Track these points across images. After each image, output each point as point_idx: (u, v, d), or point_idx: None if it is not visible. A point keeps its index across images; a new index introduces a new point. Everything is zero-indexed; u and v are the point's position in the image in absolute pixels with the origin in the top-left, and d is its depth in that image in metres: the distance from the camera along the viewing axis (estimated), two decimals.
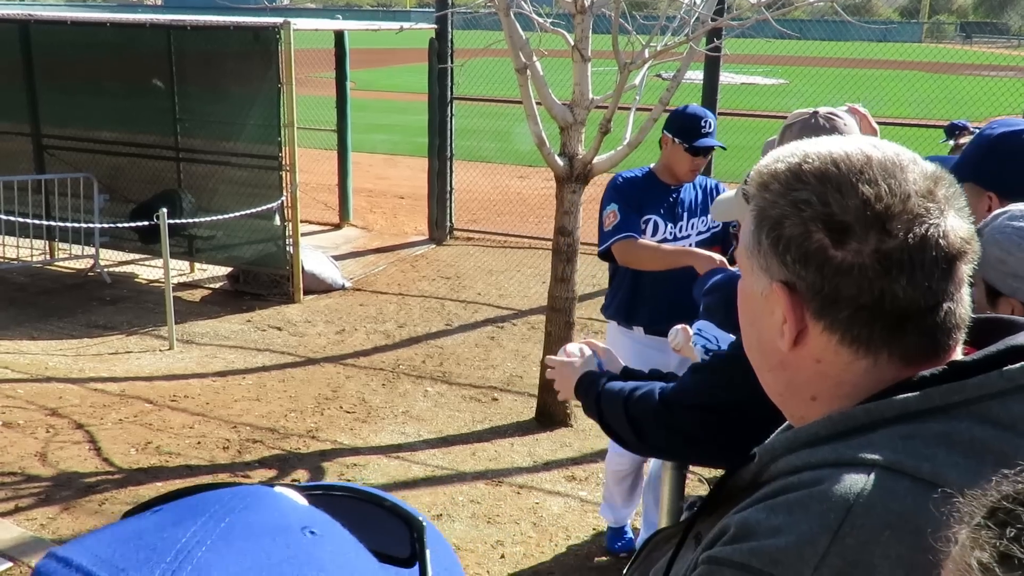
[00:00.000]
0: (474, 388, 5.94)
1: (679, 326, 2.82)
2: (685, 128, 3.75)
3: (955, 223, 0.92)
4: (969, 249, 0.93)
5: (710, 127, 3.77)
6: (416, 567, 0.61)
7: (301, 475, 4.71)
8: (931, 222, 0.91)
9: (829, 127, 2.53)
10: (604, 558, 4.12)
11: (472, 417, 5.50)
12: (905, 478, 0.85)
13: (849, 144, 0.97)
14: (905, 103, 12.45)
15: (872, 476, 0.86)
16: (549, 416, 5.38)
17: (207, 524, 0.54)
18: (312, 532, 0.56)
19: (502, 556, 4.05)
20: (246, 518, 0.55)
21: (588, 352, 2.09)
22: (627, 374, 2.03)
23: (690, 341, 2.72)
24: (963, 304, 0.95)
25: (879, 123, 3.28)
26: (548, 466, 4.92)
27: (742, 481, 0.98)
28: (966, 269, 0.94)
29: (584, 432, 5.24)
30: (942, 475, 0.85)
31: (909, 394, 0.90)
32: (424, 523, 0.63)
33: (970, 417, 0.88)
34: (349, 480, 4.67)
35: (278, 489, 0.59)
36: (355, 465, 4.83)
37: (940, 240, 0.91)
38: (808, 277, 0.93)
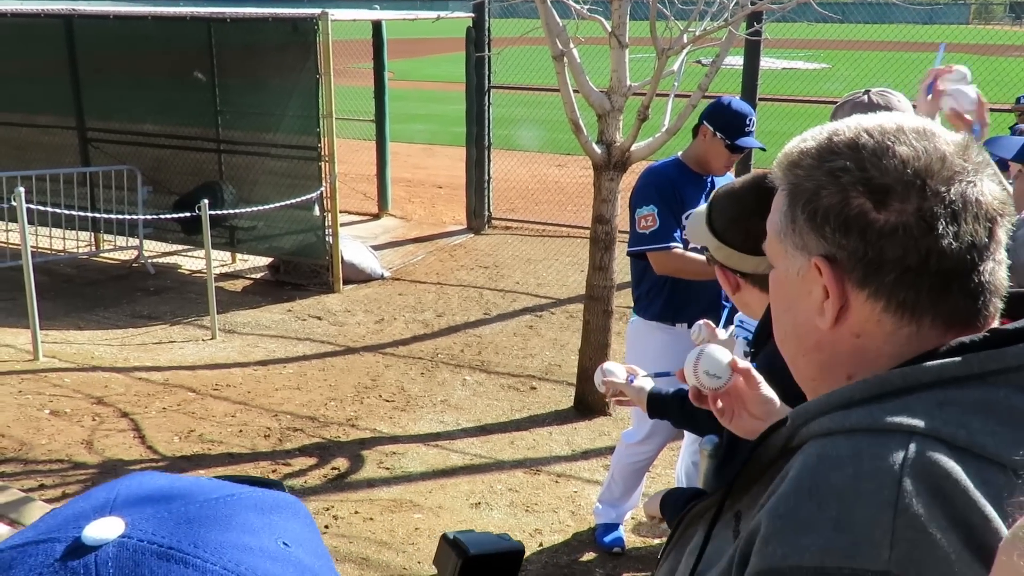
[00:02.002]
0: (512, 377, 5.94)
1: (701, 321, 2.81)
2: (729, 125, 3.65)
3: (990, 186, 0.92)
4: (1005, 212, 0.93)
5: (752, 125, 3.69)
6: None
7: (341, 463, 4.75)
8: (968, 180, 0.91)
9: (883, 104, 2.47)
10: (640, 546, 4.10)
11: (510, 406, 5.50)
12: (943, 446, 0.83)
13: (879, 116, 0.97)
14: None
15: (911, 444, 0.84)
16: (587, 405, 5.36)
17: None
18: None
19: (540, 544, 4.06)
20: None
21: (624, 373, 2.33)
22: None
23: (715, 337, 2.72)
24: (1003, 268, 0.94)
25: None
26: (586, 455, 4.91)
27: (774, 448, 0.97)
28: (1003, 231, 0.93)
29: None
30: (978, 443, 0.83)
31: (946, 360, 0.88)
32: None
33: (1008, 385, 0.86)
34: (388, 468, 4.70)
35: None
36: (394, 453, 4.86)
37: (979, 198, 0.90)
38: (850, 245, 0.92)
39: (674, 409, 2.24)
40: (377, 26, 10.07)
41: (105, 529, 0.52)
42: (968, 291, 0.91)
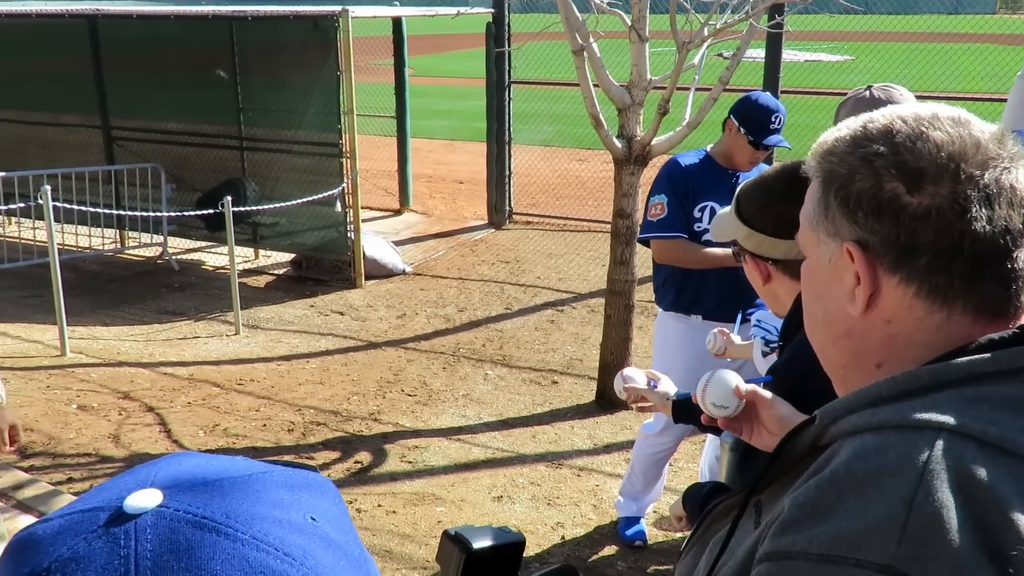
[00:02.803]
0: (534, 371, 5.95)
1: (715, 330, 2.80)
2: (754, 122, 3.60)
3: None
4: None
5: (779, 123, 3.62)
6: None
7: (364, 457, 4.78)
8: (1003, 166, 0.91)
9: (884, 98, 2.46)
10: (663, 539, 4.10)
11: (532, 400, 5.51)
12: (972, 442, 0.83)
13: (915, 105, 0.97)
14: (978, 77, 12.06)
15: (939, 441, 0.84)
16: (609, 399, 5.36)
17: None
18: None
19: (562, 538, 4.07)
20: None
21: (644, 378, 2.31)
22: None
23: (731, 343, 2.72)
24: None
25: (950, 99, 3.18)
26: (608, 449, 4.92)
27: (802, 445, 0.97)
28: None
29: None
30: (1009, 439, 0.83)
31: (976, 356, 0.88)
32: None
33: None
34: (411, 462, 4.73)
35: None
36: (416, 447, 4.89)
37: (1014, 184, 0.90)
38: (883, 230, 0.92)
39: (697, 414, 2.25)
40: (397, 22, 10.10)
41: (144, 500, 0.57)
42: (1000, 277, 0.91)
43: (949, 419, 0.84)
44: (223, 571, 0.54)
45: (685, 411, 2.25)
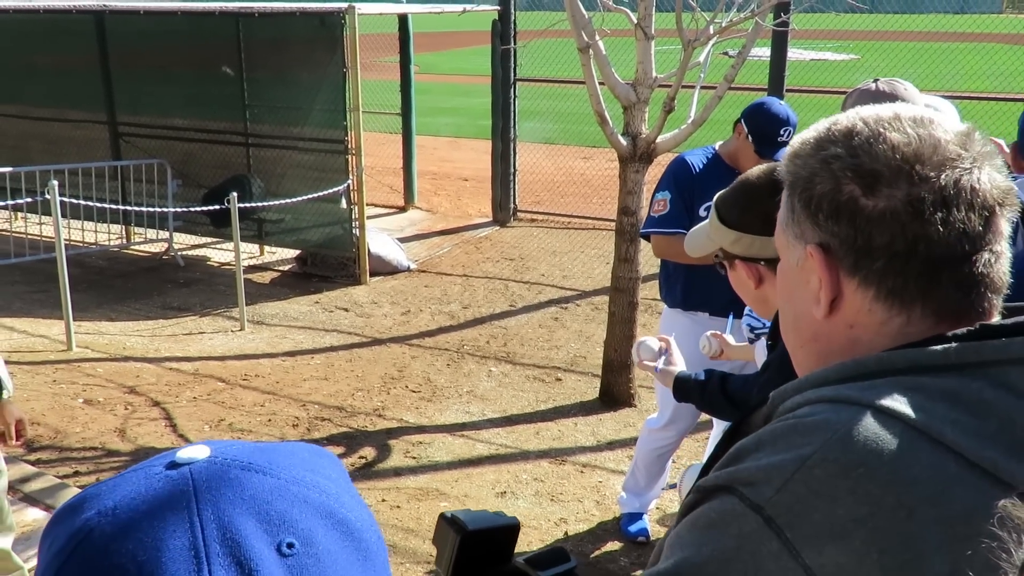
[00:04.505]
0: (538, 368, 5.97)
1: (708, 333, 2.83)
2: (763, 133, 3.54)
3: (991, 175, 0.90)
4: (1008, 201, 0.91)
5: (788, 136, 3.53)
6: None
7: (368, 452, 4.81)
8: (963, 167, 0.90)
9: (889, 91, 2.44)
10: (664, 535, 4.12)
11: (536, 397, 5.53)
12: (898, 423, 0.84)
13: (882, 106, 0.97)
14: (984, 76, 12.04)
15: (861, 414, 0.85)
16: (613, 396, 5.38)
17: None
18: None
19: (565, 534, 4.08)
20: None
21: (658, 345, 2.50)
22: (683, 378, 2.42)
23: (727, 345, 2.75)
24: (1003, 261, 0.92)
25: (955, 97, 3.17)
26: (611, 445, 4.93)
27: (755, 426, 0.99)
28: (1005, 222, 0.91)
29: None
30: (935, 428, 0.83)
31: (925, 348, 0.89)
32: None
33: (985, 379, 0.86)
34: (415, 458, 4.75)
35: None
36: (420, 443, 4.91)
37: (974, 186, 0.89)
38: (841, 232, 0.92)
39: (696, 393, 2.35)
40: (403, 20, 10.11)
41: (195, 452, 0.65)
42: (959, 281, 0.90)
43: (881, 400, 0.86)
44: (270, 498, 0.62)
45: (685, 389, 2.37)
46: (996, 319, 0.93)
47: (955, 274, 0.90)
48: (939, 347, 0.88)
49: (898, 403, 0.85)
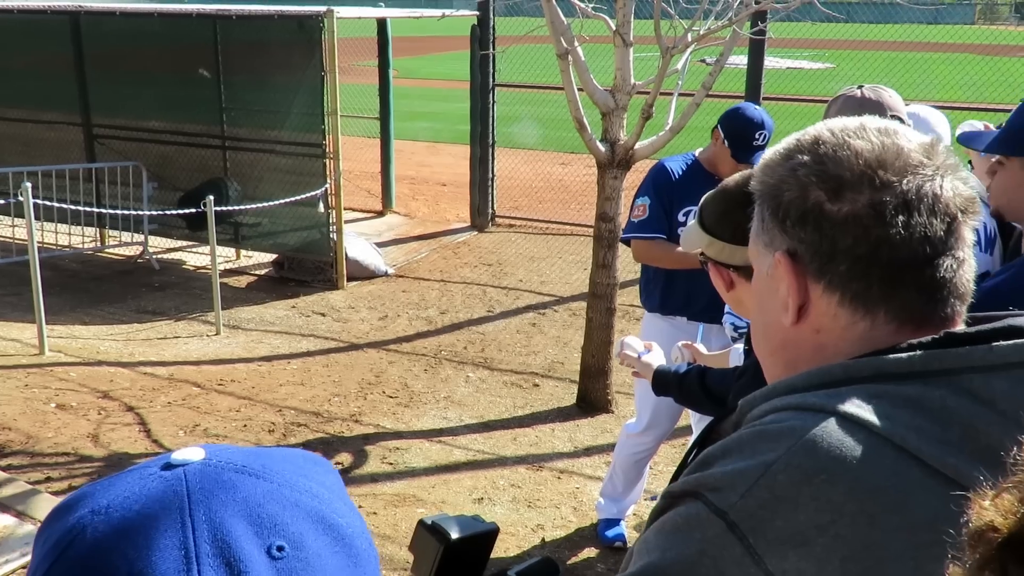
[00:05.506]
0: (515, 374, 5.97)
1: (679, 343, 2.87)
2: (738, 137, 3.58)
3: (954, 183, 0.92)
4: (971, 208, 0.93)
5: (764, 140, 3.59)
6: None
7: (344, 458, 4.78)
8: (925, 174, 0.91)
9: (875, 98, 2.47)
10: None
11: (513, 403, 5.52)
12: (862, 430, 0.85)
13: (849, 118, 0.99)
14: (956, 86, 12.20)
15: (825, 421, 0.86)
16: (590, 402, 5.39)
17: None
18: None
19: (542, 540, 4.08)
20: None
21: (640, 346, 2.53)
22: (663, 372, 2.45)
23: (699, 353, 2.79)
24: (966, 268, 0.94)
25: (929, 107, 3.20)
26: (589, 452, 4.94)
27: (726, 431, 1.00)
28: (968, 230, 0.93)
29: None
30: (899, 434, 0.84)
31: (889, 356, 0.90)
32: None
33: (948, 386, 0.87)
34: (392, 464, 4.73)
35: None
36: (397, 449, 4.89)
37: (936, 192, 0.91)
38: (808, 237, 0.94)
39: (674, 387, 2.39)
40: (382, 24, 10.09)
41: (190, 454, 0.67)
42: (922, 286, 0.92)
43: (845, 407, 0.87)
44: (262, 501, 0.63)
45: (663, 383, 2.41)
46: (961, 327, 0.94)
47: (917, 278, 0.92)
48: (904, 355, 0.89)
49: (862, 410, 0.86)
